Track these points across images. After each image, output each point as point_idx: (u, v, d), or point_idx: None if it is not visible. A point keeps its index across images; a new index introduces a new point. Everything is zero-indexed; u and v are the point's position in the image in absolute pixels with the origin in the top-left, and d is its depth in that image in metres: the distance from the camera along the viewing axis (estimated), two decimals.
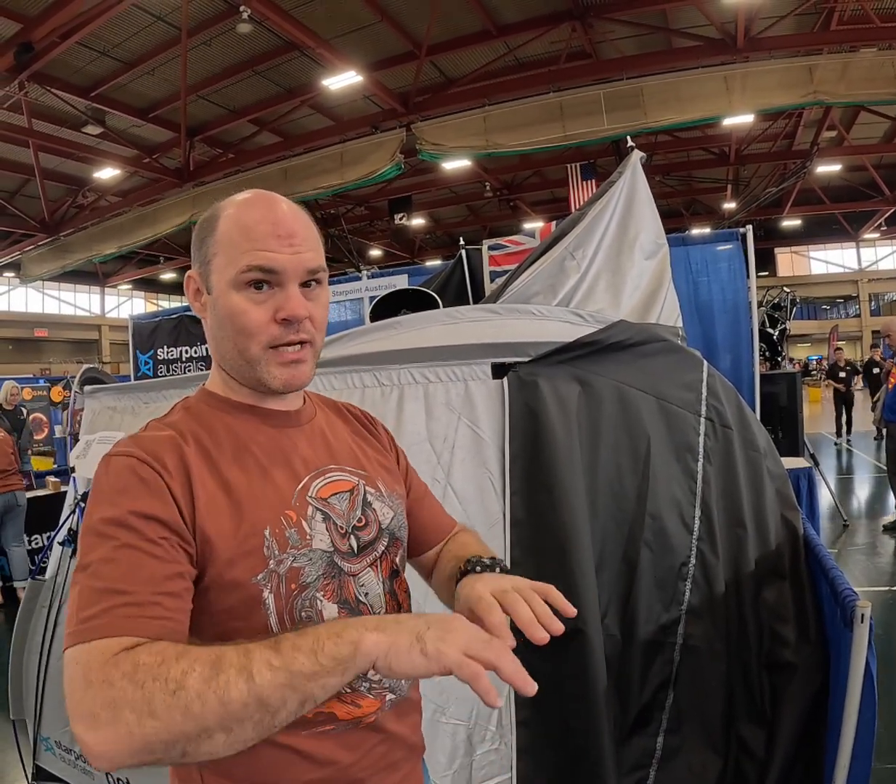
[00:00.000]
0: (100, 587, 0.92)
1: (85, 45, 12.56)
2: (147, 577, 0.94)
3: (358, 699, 1.13)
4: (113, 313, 36.40)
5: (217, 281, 1.11)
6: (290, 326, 1.10)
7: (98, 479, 1.05)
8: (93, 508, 1.00)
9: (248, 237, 1.08)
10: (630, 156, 3.38)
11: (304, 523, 1.11)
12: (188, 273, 1.18)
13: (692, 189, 25.55)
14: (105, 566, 0.93)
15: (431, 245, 31.31)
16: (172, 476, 1.03)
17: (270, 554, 1.06)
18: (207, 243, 1.12)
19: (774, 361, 8.33)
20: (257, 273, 1.08)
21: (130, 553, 0.94)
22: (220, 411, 1.18)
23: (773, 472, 2.60)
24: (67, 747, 3.05)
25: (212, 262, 1.12)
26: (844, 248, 36.43)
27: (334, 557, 1.14)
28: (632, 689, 2.39)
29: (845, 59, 11.49)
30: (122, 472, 1.02)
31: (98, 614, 0.89)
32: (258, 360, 1.12)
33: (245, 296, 1.09)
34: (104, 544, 0.95)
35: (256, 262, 1.07)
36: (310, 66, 14.21)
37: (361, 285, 7.39)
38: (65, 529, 3.13)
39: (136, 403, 3.23)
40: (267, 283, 1.09)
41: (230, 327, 1.11)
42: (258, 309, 1.09)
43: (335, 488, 1.19)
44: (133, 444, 1.08)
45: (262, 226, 1.09)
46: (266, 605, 1.05)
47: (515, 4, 12.89)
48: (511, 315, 2.56)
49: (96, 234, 19.07)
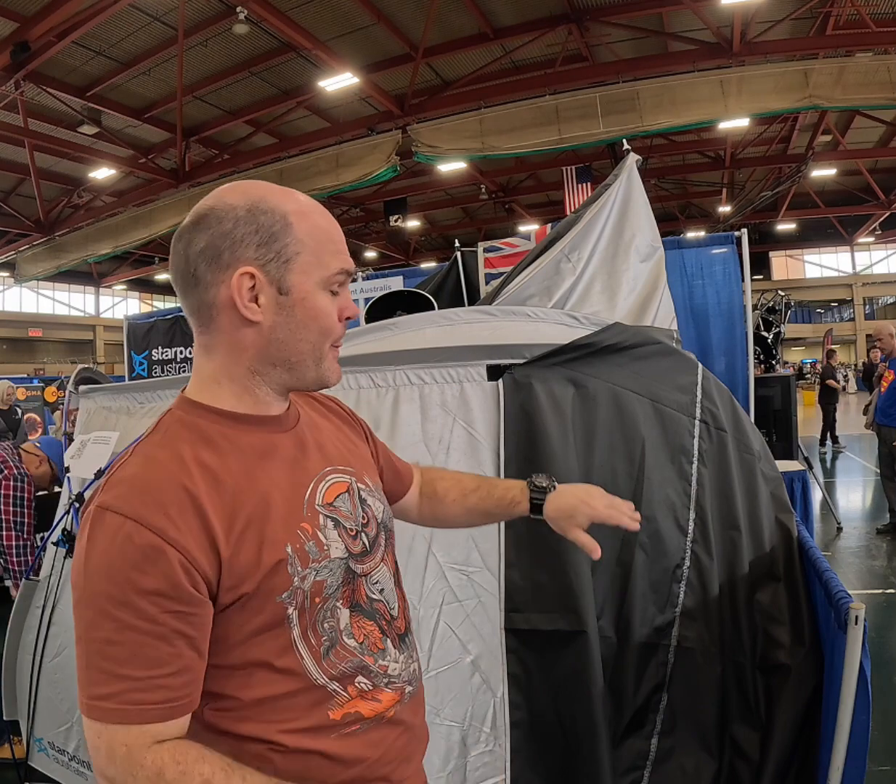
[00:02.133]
0: (106, 668, 0.93)
1: (81, 45, 12.55)
2: (152, 659, 0.93)
3: (378, 695, 1.14)
4: (108, 314, 36.39)
5: (302, 281, 1.07)
6: (346, 325, 1.16)
7: (92, 538, 0.96)
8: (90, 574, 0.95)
9: (332, 240, 1.11)
10: (626, 158, 3.38)
11: (319, 534, 1.11)
12: (244, 270, 1.04)
13: (687, 192, 25.63)
14: (110, 648, 0.93)
15: (427, 247, 31.32)
16: (180, 527, 0.96)
17: (294, 571, 1.05)
18: (282, 240, 1.06)
19: (769, 365, 8.34)
20: (344, 276, 1.12)
21: (133, 636, 0.93)
22: (215, 423, 1.10)
23: (768, 475, 2.60)
24: (61, 748, 3.04)
25: (293, 261, 1.06)
26: (839, 251, 36.57)
27: (349, 562, 1.14)
28: (626, 690, 2.39)
29: (841, 64, 11.50)
30: (119, 540, 0.94)
31: (108, 697, 0.92)
32: (324, 358, 1.13)
33: (328, 298, 1.11)
34: (107, 624, 0.93)
35: (346, 265, 1.11)
36: (306, 67, 14.20)
37: (357, 287, 7.38)
38: (59, 530, 3.12)
39: (131, 403, 3.23)
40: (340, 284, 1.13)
41: (315, 328, 1.10)
42: (335, 310, 1.12)
43: (336, 491, 1.18)
44: (129, 493, 0.98)
45: (335, 231, 1.13)
46: (291, 620, 1.05)
47: (512, 7, 12.91)
48: (506, 317, 2.57)
49: (91, 235, 19.02)
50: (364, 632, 1.15)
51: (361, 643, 1.14)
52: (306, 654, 1.06)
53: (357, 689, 1.11)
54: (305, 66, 14.17)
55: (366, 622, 1.16)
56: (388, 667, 1.16)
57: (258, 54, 14.01)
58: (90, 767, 2.84)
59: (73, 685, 2.76)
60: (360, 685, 1.11)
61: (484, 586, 2.39)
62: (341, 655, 1.10)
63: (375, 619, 1.18)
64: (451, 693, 2.32)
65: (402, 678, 1.18)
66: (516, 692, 2.35)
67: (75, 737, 2.94)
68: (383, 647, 1.17)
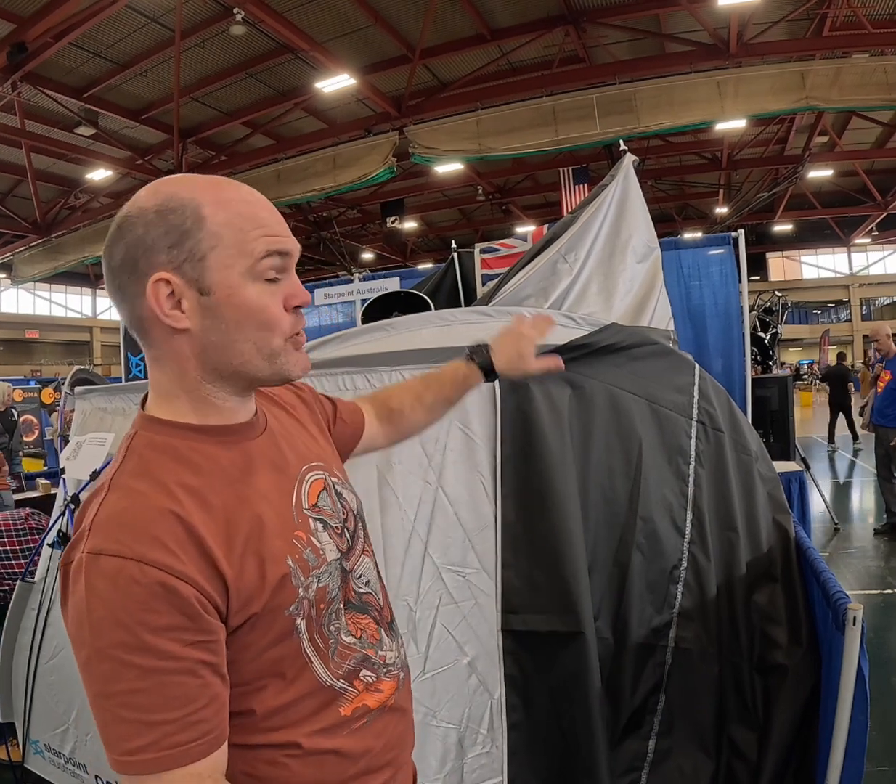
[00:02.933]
0: (136, 718, 0.87)
1: (78, 46, 12.52)
2: (181, 697, 0.89)
3: (380, 685, 1.14)
4: (104, 315, 36.33)
5: (224, 277, 0.98)
6: (300, 313, 1.05)
7: (91, 588, 0.88)
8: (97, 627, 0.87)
9: (257, 223, 0.99)
10: (623, 159, 3.38)
11: (313, 539, 1.09)
12: (157, 277, 0.96)
13: (684, 193, 25.63)
14: (135, 698, 0.87)
15: (423, 248, 31.33)
16: (182, 559, 0.91)
17: (298, 582, 1.03)
18: (194, 237, 0.96)
19: (766, 365, 8.34)
20: (276, 259, 1.00)
21: (159, 679, 0.87)
22: (186, 439, 1.03)
23: (765, 476, 2.60)
24: (57, 751, 3.03)
25: (208, 257, 0.97)
26: (836, 252, 36.61)
27: (341, 562, 1.14)
28: (623, 692, 2.39)
29: (837, 65, 11.51)
30: (122, 584, 0.87)
31: (145, 748, 0.87)
32: (279, 353, 1.03)
33: (262, 288, 1.00)
34: (127, 674, 0.86)
35: (274, 246, 0.99)
36: (303, 68, 14.19)
37: (353, 288, 7.39)
38: (54, 531, 3.11)
39: (127, 404, 3.22)
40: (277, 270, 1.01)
41: (251, 325, 1.00)
42: (275, 301, 1.01)
43: (316, 489, 1.16)
44: (120, 533, 0.91)
45: (263, 211, 1.01)
46: (299, 630, 1.03)
47: (509, 8, 12.91)
48: (503, 317, 2.56)
49: (88, 236, 18.98)
50: (360, 626, 1.14)
51: (360, 638, 1.13)
52: (315, 658, 1.06)
53: (363, 682, 1.11)
54: (302, 67, 14.17)
55: (360, 617, 1.15)
56: (386, 656, 1.17)
57: (255, 55, 14.00)
58: (86, 770, 2.84)
59: (69, 687, 2.75)
60: (365, 678, 1.11)
61: (480, 587, 2.38)
62: (343, 654, 1.10)
63: (368, 611, 1.18)
64: (447, 695, 2.32)
65: (396, 665, 1.19)
66: (513, 694, 2.35)
67: (71, 739, 2.93)
68: (380, 638, 1.17)
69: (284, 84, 15.36)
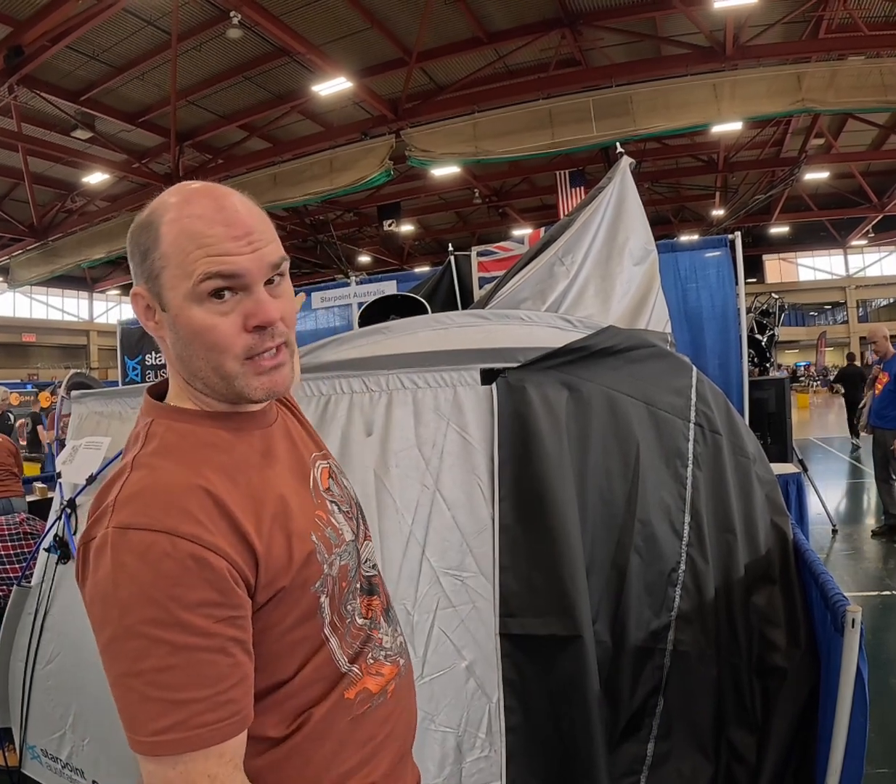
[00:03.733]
0: (165, 697, 0.85)
1: (75, 49, 12.52)
2: (212, 676, 0.88)
3: (381, 668, 1.15)
4: (101, 319, 36.32)
5: (172, 297, 0.99)
6: (265, 333, 1.01)
7: (119, 565, 0.87)
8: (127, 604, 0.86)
9: (201, 243, 0.96)
10: (619, 162, 3.39)
11: (332, 520, 1.11)
12: (133, 290, 1.04)
13: (681, 196, 25.67)
14: (163, 675, 0.85)
15: (420, 251, 31.34)
16: (213, 531, 0.91)
17: (323, 559, 1.05)
18: (151, 256, 0.99)
19: (763, 367, 8.35)
20: (217, 281, 0.97)
21: (188, 656, 0.86)
22: (205, 426, 1.05)
23: (763, 478, 2.60)
24: (54, 756, 3.01)
25: (160, 277, 0.99)
26: (832, 254, 36.66)
27: (356, 544, 1.16)
28: (622, 695, 2.38)
29: (833, 67, 11.54)
30: (153, 558, 0.87)
31: (173, 727, 0.85)
32: (235, 375, 1.01)
33: (208, 309, 0.98)
34: (157, 650, 0.85)
35: (214, 268, 0.96)
36: (300, 72, 14.21)
37: (350, 291, 7.38)
38: (51, 536, 3.10)
39: (124, 408, 3.21)
40: (229, 289, 0.98)
41: (198, 345, 1.00)
42: (225, 321, 0.98)
43: (326, 475, 1.20)
44: (148, 507, 0.91)
45: (214, 228, 0.97)
46: (322, 609, 1.05)
47: (505, 12, 12.94)
48: (500, 321, 2.56)
49: (85, 239, 19.00)
50: (371, 608, 1.17)
51: (370, 618, 1.16)
52: (332, 638, 1.07)
53: (366, 664, 1.12)
54: (299, 70, 14.18)
55: (371, 599, 1.18)
56: (382, 639, 1.17)
57: (252, 59, 14.01)
58: (83, 775, 2.83)
59: (67, 692, 2.75)
60: (368, 661, 1.12)
61: (478, 591, 2.38)
62: (355, 634, 1.12)
63: (377, 593, 1.20)
64: (445, 699, 2.31)
65: (393, 650, 1.19)
66: (512, 697, 2.34)
67: (68, 744, 2.92)
68: (380, 621, 1.19)
69: (281, 87, 15.37)
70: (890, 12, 12.40)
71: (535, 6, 12.79)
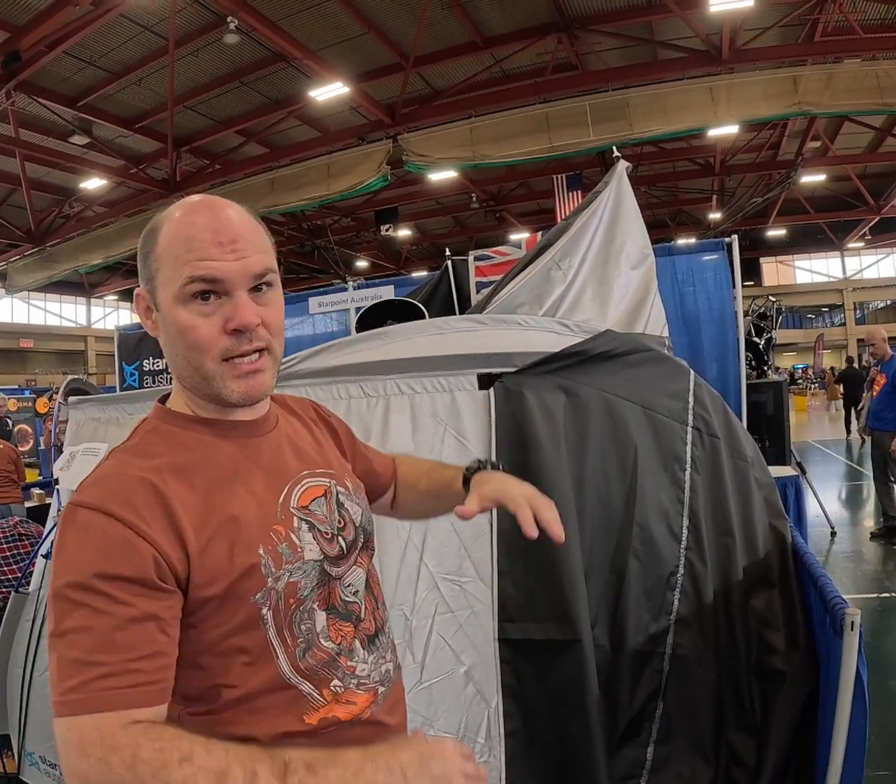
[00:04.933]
0: (77, 657, 0.90)
1: (72, 55, 12.53)
2: (123, 643, 0.91)
3: (353, 697, 1.14)
4: (99, 324, 36.26)
5: (164, 297, 1.07)
6: (243, 336, 1.06)
7: (63, 534, 0.98)
8: (59, 570, 0.95)
9: (189, 247, 1.04)
10: (616, 165, 3.40)
11: (292, 536, 1.11)
12: (136, 291, 1.13)
13: (678, 199, 25.70)
14: (79, 636, 0.91)
15: (418, 256, 31.33)
16: (149, 522, 0.98)
17: (268, 572, 1.06)
18: (150, 258, 1.08)
19: (760, 370, 8.36)
20: (200, 284, 1.04)
21: (103, 620, 0.91)
22: (189, 430, 1.13)
23: (761, 481, 2.60)
24: (52, 762, 3.01)
25: (156, 278, 1.08)
26: (829, 257, 36.68)
27: (324, 565, 1.15)
28: (621, 699, 2.38)
29: (829, 70, 11.57)
30: (87, 531, 0.96)
31: (77, 687, 0.88)
32: (213, 376, 1.07)
33: (192, 309, 1.05)
34: (75, 612, 0.91)
35: (198, 272, 1.03)
36: (297, 77, 14.22)
37: (348, 296, 7.37)
38: (48, 542, 3.09)
39: (121, 414, 3.21)
40: (213, 293, 1.05)
41: (181, 344, 1.07)
42: (207, 322, 1.05)
43: (312, 494, 1.19)
44: (100, 492, 1.00)
45: (203, 234, 1.04)
46: (265, 621, 1.06)
47: (502, 16, 12.96)
48: (497, 325, 2.56)
49: (82, 245, 18.98)
50: (341, 634, 1.16)
51: (339, 645, 1.14)
52: (281, 653, 1.07)
53: (332, 692, 1.11)
54: (296, 75, 14.20)
55: (343, 624, 1.17)
56: (355, 667, 1.16)
57: (249, 64, 14.02)
58: None
59: None
60: (334, 689, 1.11)
61: (477, 596, 2.38)
62: (318, 656, 1.11)
63: (352, 620, 1.18)
64: (444, 704, 2.31)
65: (372, 679, 1.18)
66: (511, 702, 2.34)
67: None
68: (352, 648, 1.17)
69: (278, 92, 15.39)
70: (885, 15, 12.43)
71: (531, 11, 12.81)
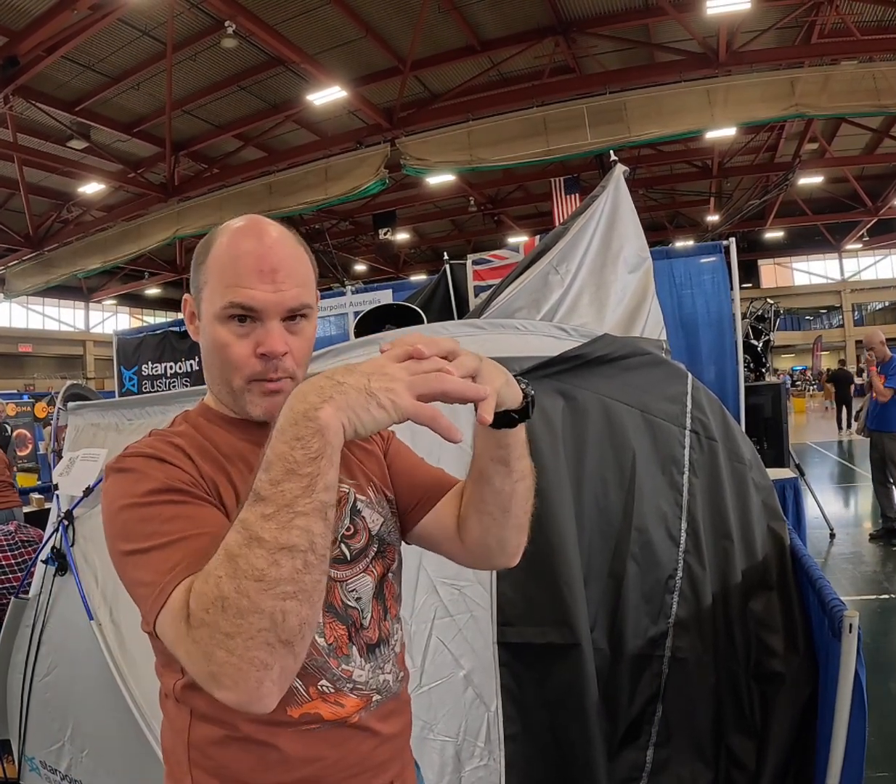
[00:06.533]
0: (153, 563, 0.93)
1: (70, 60, 12.54)
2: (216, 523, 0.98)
3: (341, 699, 1.14)
4: (97, 329, 36.23)
5: (206, 311, 1.13)
6: (269, 362, 1.11)
7: (116, 480, 1.05)
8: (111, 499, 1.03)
9: (234, 271, 1.09)
10: (613, 170, 3.41)
11: None
12: (185, 296, 1.20)
13: (675, 202, 25.71)
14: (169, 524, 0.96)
15: (416, 260, 31.34)
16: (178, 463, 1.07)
17: None
18: (201, 270, 1.14)
19: (759, 373, 8.36)
20: (238, 309, 1.09)
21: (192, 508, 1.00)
22: (217, 426, 1.20)
23: (759, 484, 2.61)
24: (53, 768, 3.01)
25: (203, 291, 1.14)
26: (827, 258, 36.70)
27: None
28: (620, 702, 2.38)
29: (826, 72, 11.58)
30: (139, 463, 1.05)
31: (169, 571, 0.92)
32: (241, 391, 1.14)
33: (229, 328, 1.11)
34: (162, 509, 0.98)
35: (237, 299, 1.08)
36: (294, 81, 14.24)
37: (346, 300, 7.39)
38: (48, 548, 3.09)
39: (120, 420, 3.21)
40: (249, 317, 1.10)
41: (217, 357, 1.14)
42: (240, 342, 1.11)
43: None
44: (140, 449, 1.09)
45: (247, 259, 1.09)
46: None
47: (499, 20, 12.98)
48: (495, 330, 2.57)
49: (81, 249, 18.99)
50: (335, 634, 1.16)
51: (330, 644, 1.15)
52: None
53: (318, 691, 1.11)
54: (293, 79, 14.22)
55: (338, 625, 1.17)
56: (352, 672, 1.16)
57: (246, 68, 14.03)
58: None
59: (64, 704, 2.73)
60: (322, 688, 1.12)
61: (476, 600, 2.38)
62: (308, 653, 1.08)
63: (348, 624, 1.18)
64: (444, 708, 2.31)
65: (369, 686, 1.18)
66: (510, 706, 2.34)
67: (67, 756, 2.92)
68: (348, 653, 1.17)
69: (276, 96, 15.40)
70: (882, 17, 12.45)
71: (528, 14, 12.83)
